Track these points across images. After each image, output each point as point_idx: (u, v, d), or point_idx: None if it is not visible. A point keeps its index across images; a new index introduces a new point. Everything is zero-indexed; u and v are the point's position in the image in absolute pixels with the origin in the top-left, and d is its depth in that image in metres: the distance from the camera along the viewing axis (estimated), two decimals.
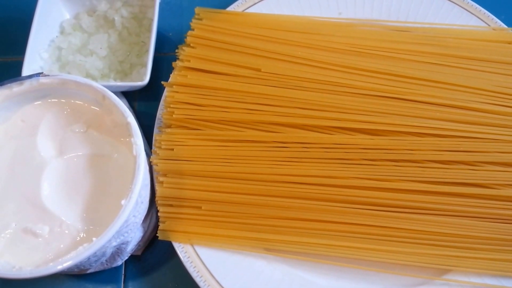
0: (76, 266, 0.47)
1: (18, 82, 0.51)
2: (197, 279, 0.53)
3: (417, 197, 0.55)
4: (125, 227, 0.48)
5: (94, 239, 0.45)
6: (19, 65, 0.62)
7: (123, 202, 0.46)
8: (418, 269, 0.54)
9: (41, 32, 0.66)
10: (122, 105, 0.50)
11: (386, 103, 0.59)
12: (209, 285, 0.53)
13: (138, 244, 0.56)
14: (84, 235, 0.48)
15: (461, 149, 0.57)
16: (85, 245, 0.45)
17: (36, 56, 0.65)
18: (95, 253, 0.46)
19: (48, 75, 0.52)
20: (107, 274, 0.59)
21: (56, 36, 0.68)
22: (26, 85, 0.52)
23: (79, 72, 0.65)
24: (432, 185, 0.56)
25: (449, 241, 0.54)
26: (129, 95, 0.68)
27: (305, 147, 0.58)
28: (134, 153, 0.48)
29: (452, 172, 0.56)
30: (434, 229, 0.54)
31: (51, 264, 0.44)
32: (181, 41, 0.67)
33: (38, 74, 0.52)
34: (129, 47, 0.68)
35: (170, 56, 0.67)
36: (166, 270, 0.59)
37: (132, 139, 0.49)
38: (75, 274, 0.58)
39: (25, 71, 0.62)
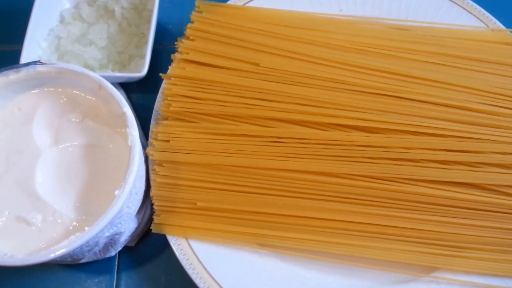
0: (69, 255, 0.47)
1: (15, 70, 0.51)
2: (190, 271, 0.53)
3: (411, 196, 0.55)
4: (119, 217, 0.48)
5: (86, 228, 0.45)
6: (17, 53, 0.62)
7: (116, 192, 0.46)
8: (407, 265, 0.54)
9: (40, 20, 0.66)
10: (119, 95, 0.50)
11: (383, 101, 0.59)
12: (201, 278, 0.53)
13: (132, 235, 0.56)
14: (77, 225, 0.48)
15: (456, 148, 0.57)
16: (77, 234, 0.45)
17: (35, 45, 0.65)
18: (88, 242, 0.46)
19: (45, 64, 0.51)
20: (100, 264, 0.59)
21: (56, 25, 0.68)
22: (23, 73, 0.51)
23: (77, 62, 0.65)
24: (426, 183, 0.56)
25: (439, 239, 0.54)
26: (127, 87, 0.68)
27: (302, 143, 0.58)
28: (129, 143, 0.48)
29: (448, 172, 0.56)
30: (425, 228, 0.54)
31: (43, 252, 0.44)
32: (180, 33, 0.66)
33: (35, 62, 0.51)
34: (129, 38, 0.68)
35: (169, 48, 0.67)
36: (159, 262, 0.59)
37: (127, 129, 0.49)
38: (68, 264, 0.58)
39: (24, 60, 0.62)
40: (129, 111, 0.50)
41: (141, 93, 0.68)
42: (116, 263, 0.59)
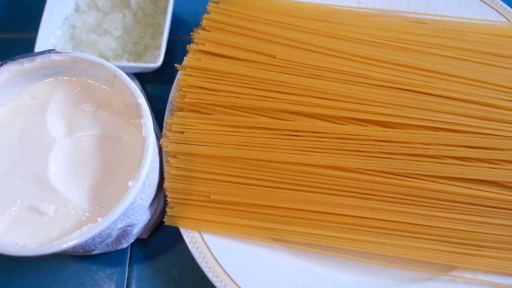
0: (81, 246, 0.46)
1: (30, 58, 0.51)
2: (202, 265, 0.53)
3: (429, 193, 0.54)
4: (132, 209, 0.48)
5: (99, 219, 0.45)
6: (32, 42, 0.62)
7: (130, 183, 0.46)
8: (424, 264, 0.53)
9: (55, 9, 0.66)
10: (133, 86, 0.50)
11: (401, 95, 0.58)
12: (214, 271, 0.53)
13: (145, 227, 0.56)
14: (90, 215, 0.47)
15: (476, 145, 0.56)
16: (90, 225, 0.45)
17: (50, 33, 0.65)
18: (100, 233, 0.46)
19: (60, 52, 0.51)
20: (112, 256, 0.59)
21: (71, 14, 0.68)
22: (38, 61, 0.51)
23: (92, 52, 0.64)
24: (445, 180, 0.55)
25: (458, 237, 0.53)
26: (141, 77, 0.67)
27: (318, 137, 0.57)
28: (143, 134, 0.48)
29: (467, 169, 0.55)
30: (444, 225, 0.53)
31: (55, 242, 0.44)
32: (196, 24, 0.66)
33: (50, 51, 0.51)
34: (144, 28, 0.67)
35: (185, 39, 0.66)
36: (171, 255, 0.59)
37: (142, 120, 0.49)
38: (80, 255, 0.58)
39: (38, 48, 0.62)
40: (144, 102, 0.50)
41: (156, 84, 0.68)
42: (128, 255, 0.59)
